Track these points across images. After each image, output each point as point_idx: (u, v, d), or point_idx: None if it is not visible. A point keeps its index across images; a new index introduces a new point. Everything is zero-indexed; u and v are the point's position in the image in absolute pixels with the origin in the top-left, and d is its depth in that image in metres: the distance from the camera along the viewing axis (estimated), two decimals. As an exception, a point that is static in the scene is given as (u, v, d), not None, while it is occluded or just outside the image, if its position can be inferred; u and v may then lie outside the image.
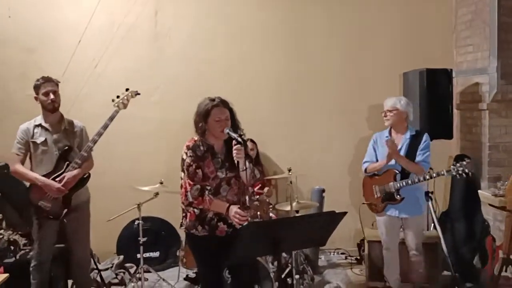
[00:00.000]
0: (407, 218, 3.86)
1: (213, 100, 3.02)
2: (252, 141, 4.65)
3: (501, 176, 4.52)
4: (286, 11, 5.18)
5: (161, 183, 4.27)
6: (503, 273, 3.94)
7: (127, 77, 5.01)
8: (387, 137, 3.88)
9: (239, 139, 2.88)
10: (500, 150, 4.59)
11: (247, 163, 2.91)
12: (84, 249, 3.82)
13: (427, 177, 3.66)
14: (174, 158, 4.89)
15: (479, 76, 4.78)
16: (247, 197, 3.09)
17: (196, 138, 3.06)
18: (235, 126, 3.07)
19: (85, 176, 3.66)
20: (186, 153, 3.02)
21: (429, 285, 4.17)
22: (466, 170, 3.50)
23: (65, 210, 3.56)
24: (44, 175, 3.54)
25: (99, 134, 3.58)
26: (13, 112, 4.84)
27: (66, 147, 3.62)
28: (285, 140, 5.23)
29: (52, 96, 3.60)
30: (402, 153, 3.80)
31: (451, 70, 4.68)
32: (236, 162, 2.94)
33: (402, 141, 3.86)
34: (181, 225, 3.17)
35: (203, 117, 3.01)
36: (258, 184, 4.55)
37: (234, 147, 2.89)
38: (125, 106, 3.72)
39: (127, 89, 3.75)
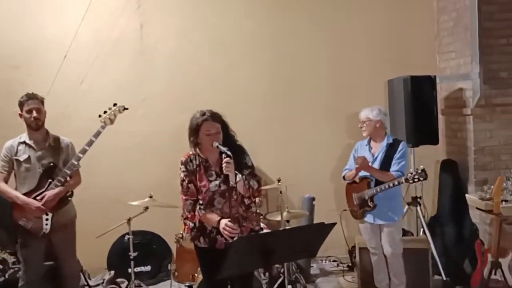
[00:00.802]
0: (382, 225, 3.96)
1: (203, 114, 3.05)
2: None
3: (488, 179, 4.58)
4: (271, 20, 5.21)
5: (151, 197, 4.25)
6: (493, 276, 3.99)
7: (114, 91, 4.98)
8: (367, 145, 4.05)
9: (228, 153, 2.90)
10: (485, 154, 4.65)
11: (238, 176, 2.93)
12: (72, 266, 3.78)
13: (391, 184, 3.78)
14: (163, 171, 4.95)
15: (462, 81, 4.86)
16: (245, 208, 3.11)
17: (190, 153, 3.12)
18: (230, 138, 3.10)
19: (67, 194, 3.60)
20: (180, 168, 3.11)
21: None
22: (421, 178, 3.68)
23: (48, 229, 3.50)
24: (26, 193, 3.49)
25: (84, 151, 3.53)
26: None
27: (50, 164, 3.56)
28: (274, 149, 5.24)
29: (35, 113, 3.55)
30: (378, 161, 3.93)
31: (435, 76, 4.75)
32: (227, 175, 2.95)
33: (379, 149, 3.98)
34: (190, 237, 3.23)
35: (194, 131, 3.06)
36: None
37: (223, 161, 2.91)
38: (112, 121, 3.67)
39: (114, 104, 3.71)
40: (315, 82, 5.26)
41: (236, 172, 2.95)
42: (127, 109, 3.76)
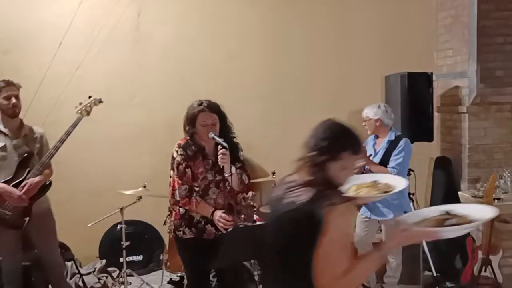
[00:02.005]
0: (380, 221, 3.97)
1: (200, 104, 3.03)
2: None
3: (481, 177, 4.60)
4: (269, 13, 5.17)
5: (144, 186, 4.24)
6: (483, 273, 4.03)
7: (109, 79, 4.96)
8: (373, 140, 4.06)
9: (224, 144, 2.89)
10: (479, 152, 4.67)
11: (232, 169, 2.92)
12: (56, 256, 3.71)
13: None
14: (158, 161, 4.92)
15: (459, 79, 4.87)
16: (236, 201, 3.10)
17: (188, 138, 3.07)
18: (226, 130, 3.08)
19: (46, 184, 3.51)
20: (177, 151, 3.02)
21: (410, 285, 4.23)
22: None
23: (27, 219, 3.38)
24: (3, 182, 3.34)
25: (62, 141, 3.45)
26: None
27: (27, 153, 3.46)
28: (269, 142, 5.22)
29: (14, 100, 3.42)
30: (378, 157, 3.94)
31: (432, 73, 4.75)
32: (222, 166, 2.94)
33: (381, 145, 4.00)
34: (164, 223, 3.17)
35: (190, 121, 3.03)
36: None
37: (219, 152, 2.90)
38: (88, 113, 3.63)
39: (89, 97, 3.69)
40: (312, 77, 5.23)
41: (231, 164, 2.94)
42: (102, 102, 3.73)
